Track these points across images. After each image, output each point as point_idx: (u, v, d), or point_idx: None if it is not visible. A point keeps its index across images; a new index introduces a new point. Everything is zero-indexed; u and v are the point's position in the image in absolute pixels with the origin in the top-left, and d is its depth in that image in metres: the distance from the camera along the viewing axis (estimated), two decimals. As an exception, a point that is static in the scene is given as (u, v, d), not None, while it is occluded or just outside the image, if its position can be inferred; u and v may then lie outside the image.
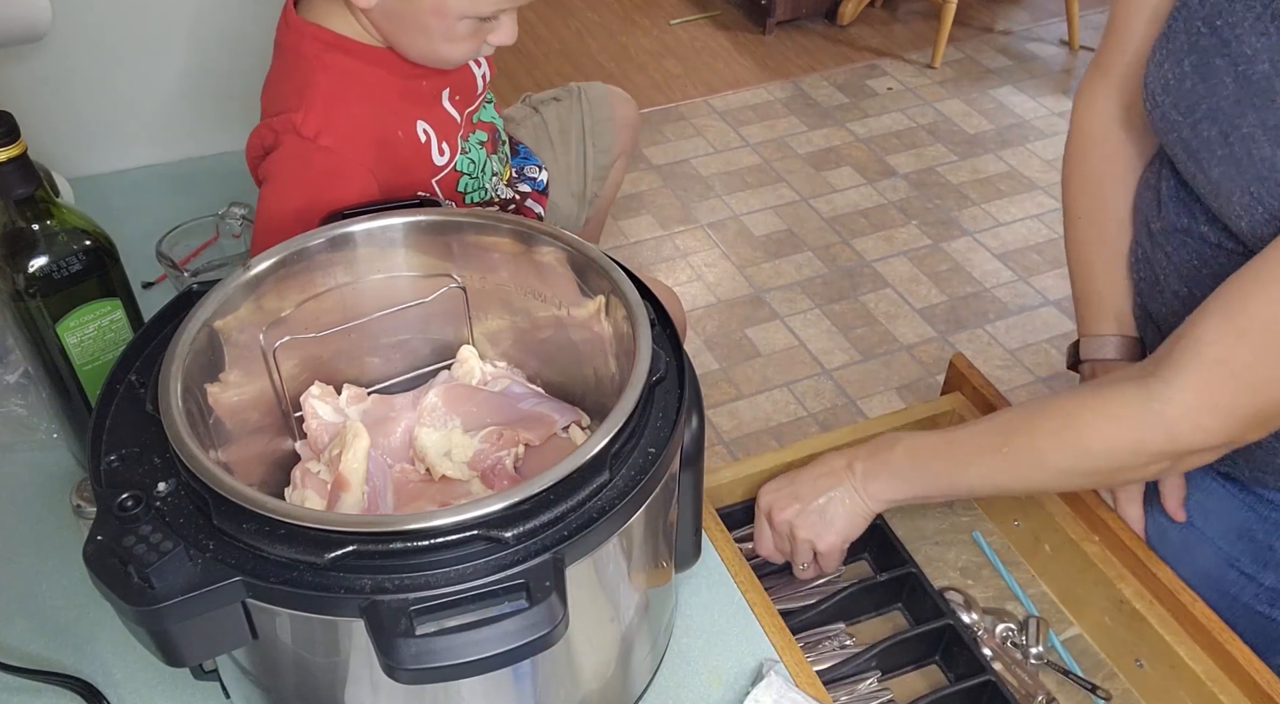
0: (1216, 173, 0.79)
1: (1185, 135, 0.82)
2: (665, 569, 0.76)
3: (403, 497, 0.77)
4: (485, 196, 1.27)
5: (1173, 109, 0.83)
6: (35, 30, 1.14)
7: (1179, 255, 0.89)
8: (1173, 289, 0.90)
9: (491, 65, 1.27)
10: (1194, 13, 0.82)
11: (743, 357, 2.37)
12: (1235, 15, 0.78)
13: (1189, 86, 0.82)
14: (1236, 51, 0.78)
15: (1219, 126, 0.79)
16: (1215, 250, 0.85)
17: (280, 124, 1.04)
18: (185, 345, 0.68)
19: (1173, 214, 0.89)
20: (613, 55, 3.45)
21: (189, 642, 0.59)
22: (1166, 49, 0.84)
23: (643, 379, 0.66)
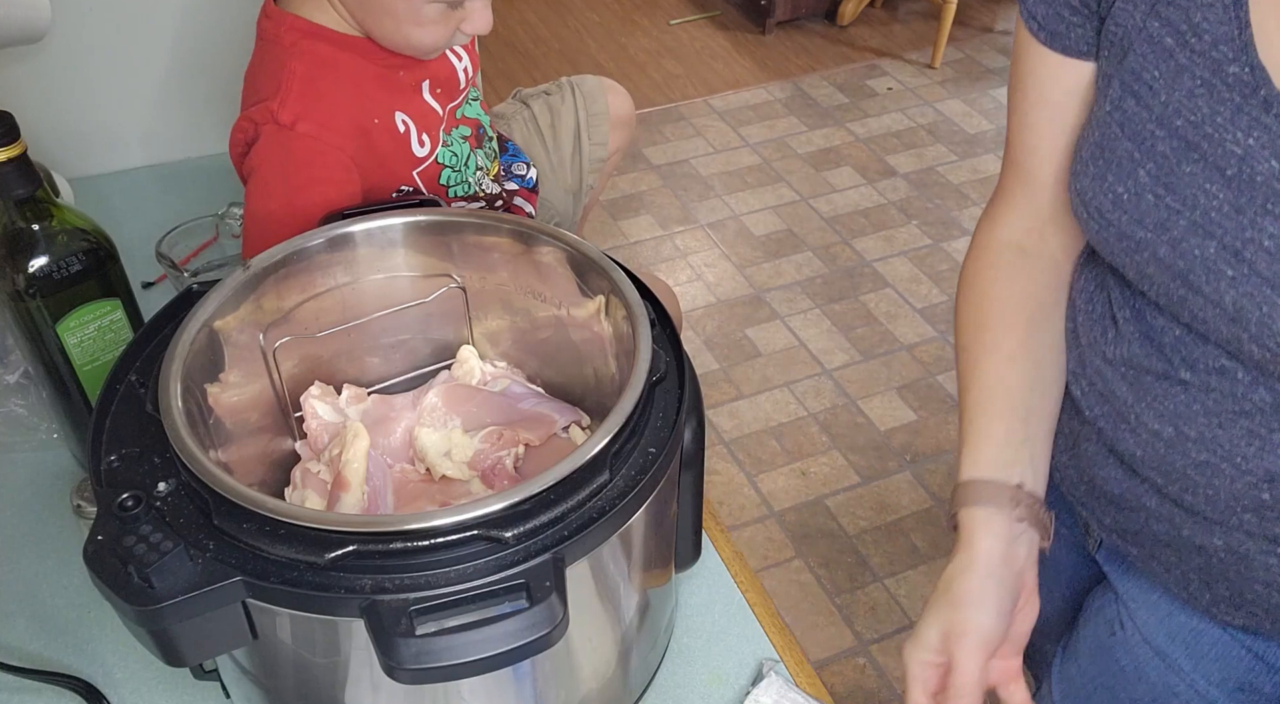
0: (1233, 296, 0.65)
1: (1163, 254, 0.68)
2: (665, 569, 0.76)
3: (403, 497, 0.77)
4: (469, 191, 1.26)
5: (1135, 227, 0.70)
6: (35, 30, 1.14)
7: (1158, 399, 0.75)
8: (1151, 429, 0.75)
9: (474, 59, 1.27)
10: (1136, 116, 0.69)
11: (743, 356, 2.38)
12: (1201, 112, 0.65)
13: (1152, 200, 0.68)
14: (1216, 153, 0.65)
15: (1218, 242, 0.65)
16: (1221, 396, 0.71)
17: (258, 113, 1.05)
18: (185, 345, 0.68)
19: (1138, 351, 0.75)
20: (612, 55, 3.45)
21: (189, 642, 0.59)
22: (1105, 161, 0.71)
23: (643, 379, 0.66)
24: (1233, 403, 0.70)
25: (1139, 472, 0.78)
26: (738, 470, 2.12)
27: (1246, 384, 0.69)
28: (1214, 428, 0.71)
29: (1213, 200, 0.65)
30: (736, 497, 2.07)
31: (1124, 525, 0.82)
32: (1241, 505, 0.72)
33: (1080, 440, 0.82)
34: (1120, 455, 0.79)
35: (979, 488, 0.78)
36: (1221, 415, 0.70)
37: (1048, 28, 0.75)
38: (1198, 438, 0.72)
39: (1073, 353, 0.82)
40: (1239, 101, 0.64)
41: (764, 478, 2.11)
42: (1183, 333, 0.72)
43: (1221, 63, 0.64)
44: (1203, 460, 0.72)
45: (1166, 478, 0.75)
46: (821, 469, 2.13)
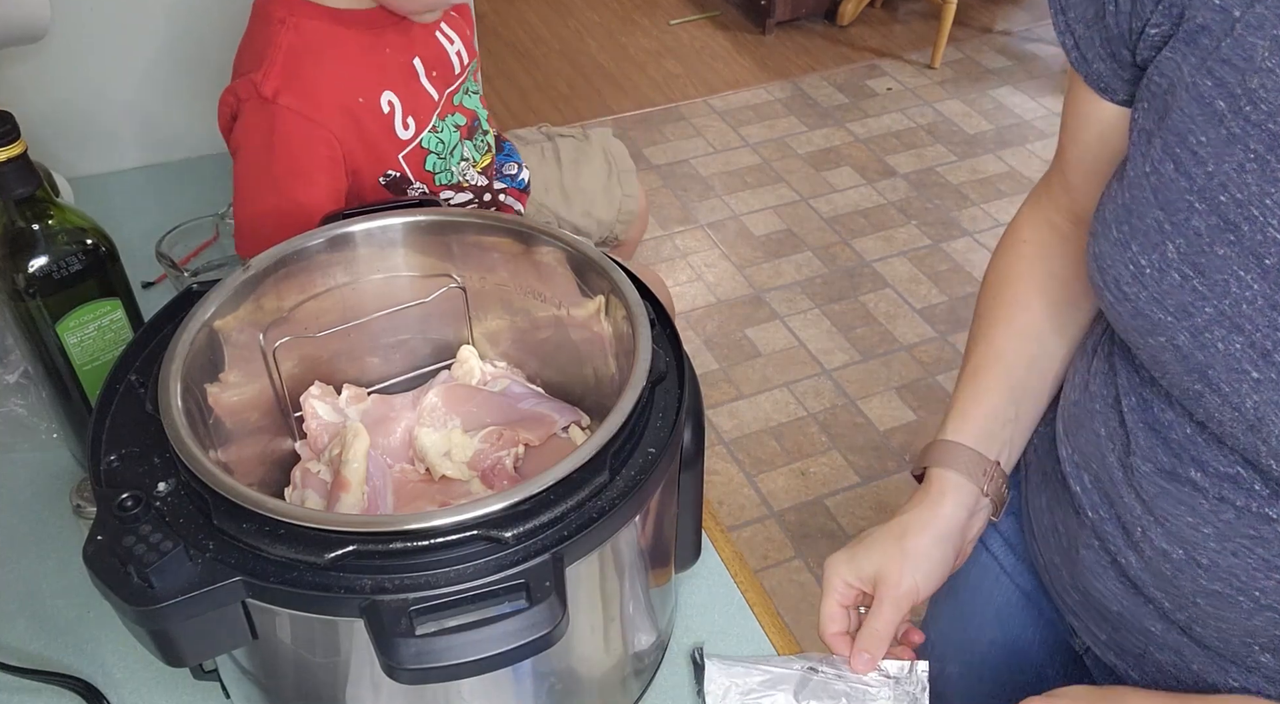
0: (1255, 401, 0.59)
1: (1182, 342, 0.61)
2: (665, 569, 0.76)
3: (403, 497, 0.77)
4: (452, 180, 1.27)
5: (1154, 307, 0.63)
6: (35, 30, 1.14)
7: (1168, 514, 0.67)
8: (1158, 547, 0.68)
9: (470, 47, 1.27)
10: (1174, 184, 0.61)
11: (743, 356, 2.38)
12: (1249, 190, 0.57)
13: (1177, 280, 0.61)
14: (1257, 238, 0.57)
15: (1245, 338, 0.58)
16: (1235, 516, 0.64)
17: (241, 87, 1.06)
18: (185, 345, 0.68)
19: (1143, 443, 0.68)
20: (613, 55, 3.45)
21: (189, 642, 0.59)
22: (1131, 227, 0.64)
23: (643, 379, 0.66)
24: (1247, 526, 0.63)
25: (1143, 591, 0.71)
26: (738, 470, 2.12)
27: (1264, 498, 0.62)
28: (1227, 556, 0.65)
29: (1246, 291, 0.58)
30: (736, 497, 2.07)
31: (1123, 645, 0.77)
32: (1259, 645, 0.66)
33: (1079, 546, 0.76)
34: (1122, 569, 0.73)
35: (959, 452, 0.77)
36: (1236, 542, 0.64)
37: (1079, 50, 0.70)
38: (1209, 565, 0.66)
39: (1074, 443, 0.77)
40: None
41: (764, 478, 2.11)
42: (1194, 431, 0.65)
43: (1279, 136, 0.56)
44: (1214, 590, 0.66)
45: (1175, 603, 0.69)
46: (821, 469, 2.13)
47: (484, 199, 1.34)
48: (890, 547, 0.75)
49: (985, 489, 0.77)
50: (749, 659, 0.77)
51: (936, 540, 0.75)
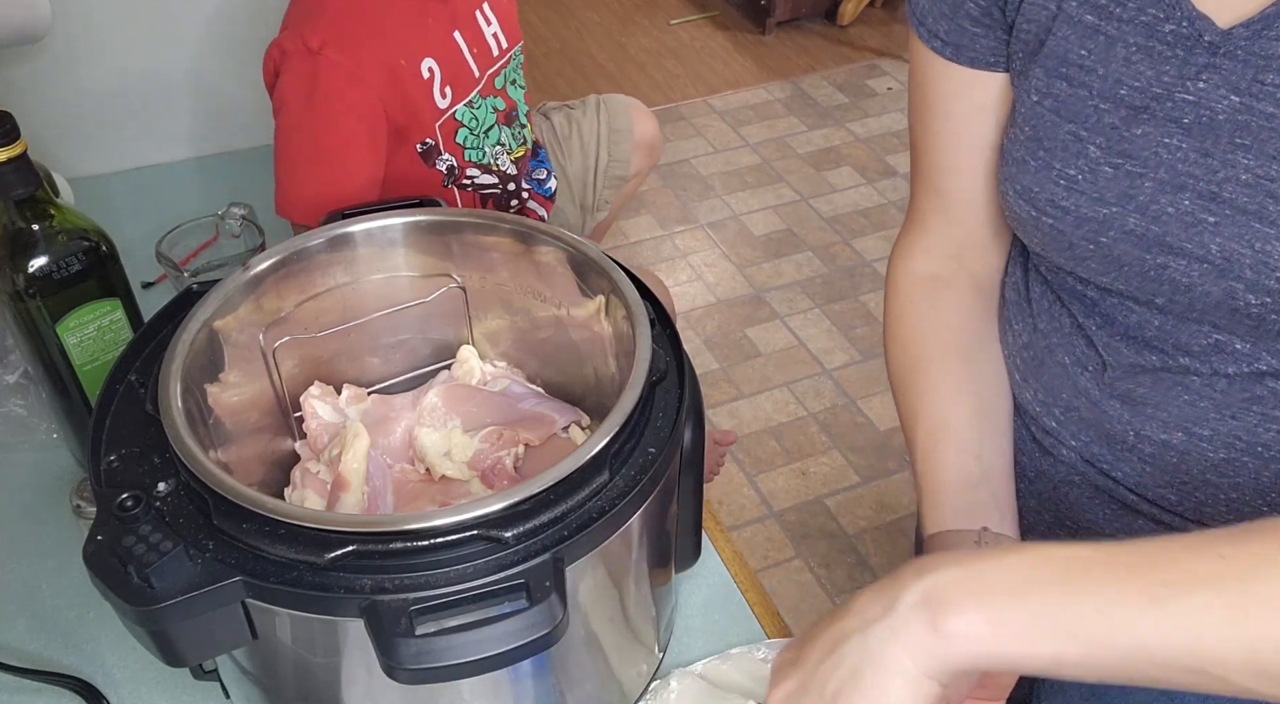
0: (1219, 243, 0.62)
1: (1133, 224, 0.65)
2: (665, 569, 0.76)
3: (403, 497, 0.77)
4: (483, 159, 1.28)
5: (1096, 205, 0.66)
6: (35, 30, 1.14)
7: (1161, 404, 0.70)
8: (1158, 440, 0.71)
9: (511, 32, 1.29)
10: (1072, 98, 0.66)
11: (743, 356, 2.38)
12: (1145, 77, 0.63)
13: (1110, 173, 0.65)
14: (1168, 107, 0.63)
15: (1190, 191, 0.63)
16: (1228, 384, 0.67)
17: (288, 40, 1.09)
18: (185, 345, 0.68)
19: (1127, 354, 0.71)
20: (612, 55, 3.45)
21: (189, 642, 0.59)
22: (1047, 150, 0.68)
23: (643, 379, 0.66)
24: (1241, 389, 0.67)
25: (1137, 506, 0.73)
26: (738, 470, 2.12)
27: (1248, 356, 0.66)
28: (1228, 420, 0.68)
29: (1175, 153, 0.63)
30: (736, 497, 2.07)
31: None
32: (1267, 502, 0.68)
33: (1059, 484, 0.77)
34: (1112, 491, 0.73)
35: (945, 541, 0.74)
36: (1233, 406, 0.68)
37: (952, 42, 0.73)
38: (1212, 435, 0.69)
39: (1038, 382, 0.77)
40: (1183, 55, 0.62)
41: (764, 478, 2.11)
42: (1163, 321, 0.68)
43: (1154, 24, 0.63)
44: (1222, 459, 0.69)
45: (1181, 493, 0.70)
46: (821, 469, 2.13)
47: (508, 188, 1.35)
48: None
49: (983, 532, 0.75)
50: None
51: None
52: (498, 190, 1.34)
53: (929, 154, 0.79)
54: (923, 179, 0.81)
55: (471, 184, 1.30)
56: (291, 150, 1.12)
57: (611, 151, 1.68)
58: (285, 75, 1.10)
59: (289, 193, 1.14)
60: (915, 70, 0.77)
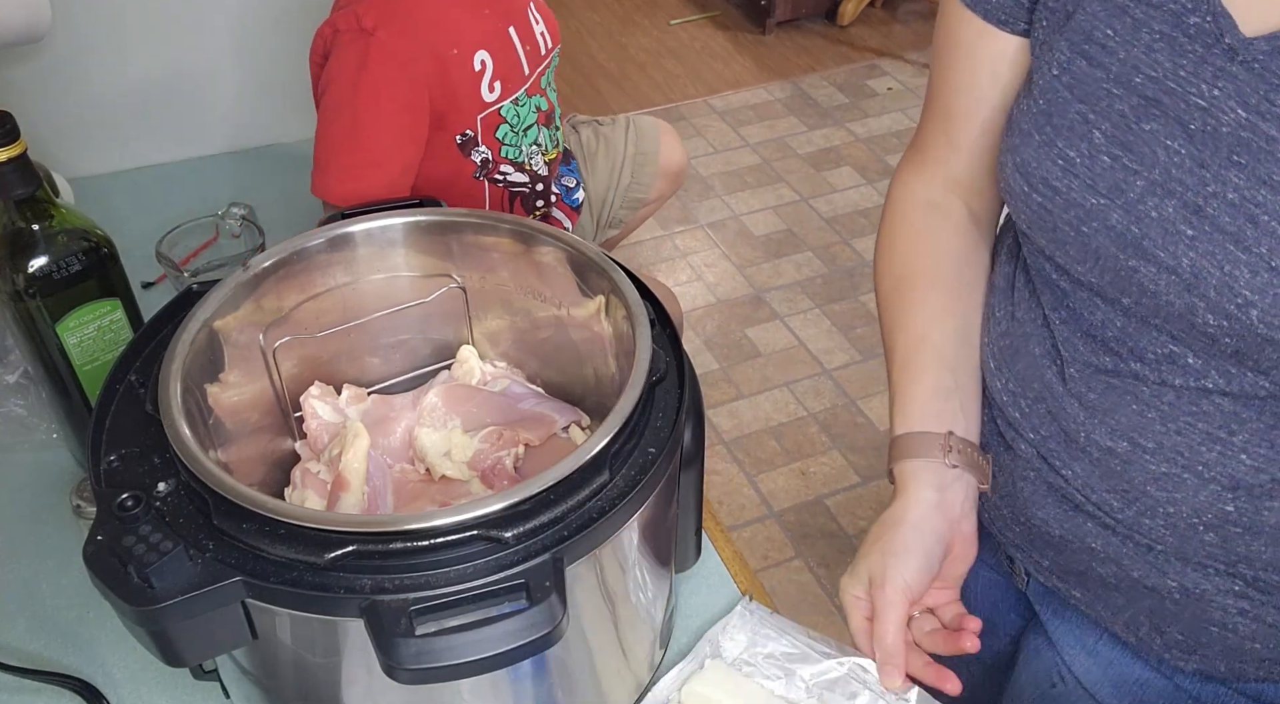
0: (1191, 258, 0.62)
1: (1116, 221, 0.65)
2: (665, 569, 0.76)
3: (403, 497, 0.77)
4: (519, 157, 1.28)
5: (1087, 192, 0.66)
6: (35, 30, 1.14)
7: (1111, 410, 0.71)
8: (1103, 446, 0.72)
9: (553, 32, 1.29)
10: (1089, 77, 0.66)
11: (743, 356, 2.38)
12: (1162, 67, 0.63)
13: (1107, 162, 0.65)
14: (1179, 107, 0.62)
15: (1177, 200, 0.62)
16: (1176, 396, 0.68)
17: (342, 19, 1.10)
18: (185, 345, 0.68)
19: (1082, 350, 0.72)
20: (613, 55, 3.45)
21: (189, 642, 0.59)
22: (1054, 127, 0.68)
23: (643, 379, 0.66)
24: (1188, 403, 0.67)
25: (1084, 507, 0.74)
26: (738, 470, 2.12)
27: (1198, 371, 0.66)
28: (1172, 434, 0.68)
29: (1174, 157, 0.62)
30: (736, 497, 2.07)
31: (1066, 567, 0.79)
32: (1204, 522, 0.69)
33: (1016, 479, 0.79)
34: (1063, 490, 0.75)
35: (911, 441, 0.78)
36: (1179, 420, 0.68)
37: None
38: (1155, 448, 0.69)
39: (1010, 371, 0.79)
40: (1201, 52, 0.61)
41: (764, 478, 2.11)
42: (1125, 322, 0.69)
43: (1180, 14, 0.62)
44: (1162, 473, 0.69)
45: (1123, 500, 0.72)
46: (821, 469, 2.13)
47: (537, 188, 1.35)
48: (873, 552, 0.75)
49: (948, 461, 0.77)
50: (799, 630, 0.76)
51: (913, 530, 0.75)
52: (527, 189, 1.34)
53: (941, 94, 0.81)
54: (932, 114, 0.82)
55: (504, 180, 1.31)
56: (334, 130, 1.13)
57: (635, 174, 1.68)
58: (336, 53, 1.11)
59: (328, 172, 1.15)
60: (941, 9, 0.78)
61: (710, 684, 0.75)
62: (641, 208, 1.74)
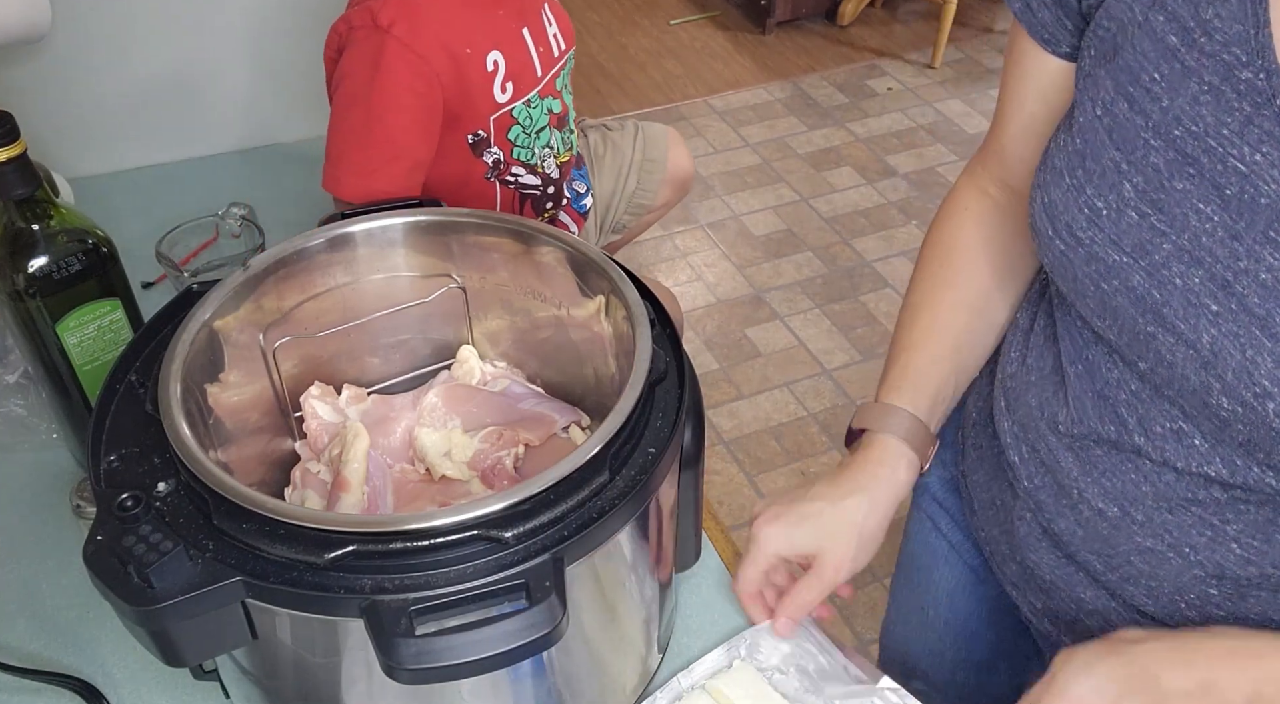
0: (1212, 336, 0.58)
1: (1137, 283, 0.61)
2: (665, 569, 0.76)
3: (403, 497, 0.77)
4: (530, 159, 1.29)
5: (1110, 248, 0.62)
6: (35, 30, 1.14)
7: (1106, 474, 0.68)
8: (1094, 507, 0.69)
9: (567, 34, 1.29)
10: (1128, 123, 0.61)
11: (743, 357, 2.38)
12: (1205, 122, 0.58)
13: (1135, 219, 0.60)
14: (1216, 169, 0.57)
15: (1205, 270, 0.58)
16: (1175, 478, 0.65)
17: (357, 15, 1.10)
18: (185, 345, 0.68)
19: (1089, 411, 0.68)
20: (613, 55, 3.45)
21: (189, 642, 0.59)
22: (1086, 171, 0.63)
23: (643, 379, 0.66)
24: (1186, 488, 0.64)
25: (1075, 557, 0.73)
26: (738, 470, 2.12)
27: (1203, 455, 0.62)
28: (1163, 512, 0.66)
29: (1206, 223, 0.58)
30: (736, 497, 2.07)
31: (1056, 612, 0.78)
32: (1185, 601, 0.67)
33: (1014, 518, 0.78)
34: (1056, 538, 0.74)
35: (909, 423, 0.77)
36: (1172, 500, 0.65)
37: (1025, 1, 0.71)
38: (1145, 521, 0.67)
39: (1014, 415, 0.77)
40: (1249, 111, 0.56)
41: (764, 478, 2.11)
42: (1139, 388, 0.65)
43: (1233, 66, 0.57)
44: (1148, 547, 0.67)
45: (1107, 564, 0.71)
46: (821, 469, 2.13)
47: (548, 191, 1.36)
48: (841, 527, 0.74)
49: (925, 467, 0.78)
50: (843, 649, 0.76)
51: (888, 517, 0.76)
52: (538, 192, 1.34)
53: (1000, 99, 0.79)
54: (995, 116, 0.81)
55: (515, 182, 1.31)
56: (346, 125, 1.13)
57: (641, 180, 1.68)
58: (350, 49, 1.11)
59: (340, 167, 1.15)
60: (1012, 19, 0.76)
61: (734, 684, 0.75)
62: (646, 214, 1.74)
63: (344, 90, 1.12)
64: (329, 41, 1.15)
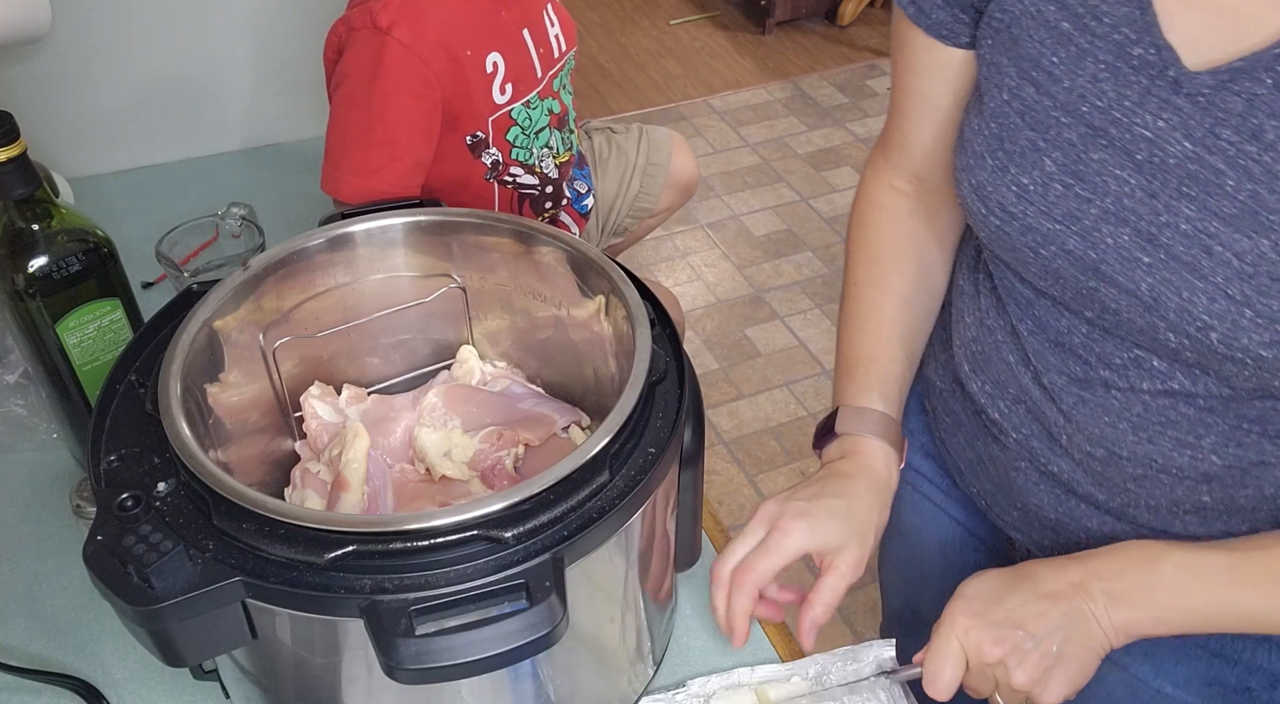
0: (1149, 283, 0.63)
1: (1073, 246, 0.66)
2: (665, 569, 0.76)
3: (403, 497, 0.77)
4: (529, 160, 1.29)
5: (1043, 219, 0.67)
6: (35, 30, 1.14)
7: (1087, 419, 0.72)
8: (1084, 450, 0.74)
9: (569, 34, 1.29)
10: (1038, 105, 0.66)
11: (743, 356, 2.38)
12: (1108, 97, 0.63)
13: (1060, 190, 0.66)
14: (1125, 137, 0.63)
15: (1130, 228, 0.63)
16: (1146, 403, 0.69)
17: (357, 16, 1.10)
18: (185, 345, 0.68)
19: (1052, 360, 0.73)
20: (613, 55, 3.46)
21: (189, 642, 0.59)
22: (1006, 152, 0.68)
23: (643, 379, 0.66)
24: (1157, 413, 0.69)
25: (1077, 492, 0.77)
26: (738, 470, 2.12)
27: (1163, 374, 0.68)
28: (1144, 444, 0.70)
29: (1124, 186, 0.63)
30: (736, 497, 2.07)
31: (1065, 546, 0.81)
32: (1183, 509, 0.72)
33: (1008, 470, 0.81)
34: (1055, 478, 0.77)
35: (886, 424, 0.80)
36: (1149, 429, 0.70)
37: (916, 5, 0.74)
38: (1130, 456, 0.71)
39: (985, 375, 0.80)
40: (1146, 83, 0.62)
41: (764, 478, 2.11)
42: (1090, 331, 0.70)
43: (1125, 45, 0.62)
44: (1140, 475, 0.72)
45: (1108, 493, 0.75)
46: (821, 469, 2.13)
47: (547, 190, 1.36)
48: (860, 525, 0.75)
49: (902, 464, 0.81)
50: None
51: (886, 516, 0.78)
52: (536, 192, 1.34)
53: (896, 92, 0.82)
54: (892, 112, 0.84)
55: (513, 182, 1.31)
56: (346, 126, 1.13)
57: (645, 184, 1.68)
58: (350, 51, 1.11)
59: (339, 168, 1.15)
60: (894, 18, 0.80)
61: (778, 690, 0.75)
62: (648, 218, 1.74)
63: (344, 91, 1.12)
64: (329, 42, 1.15)
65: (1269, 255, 0.59)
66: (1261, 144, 0.59)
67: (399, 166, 1.15)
